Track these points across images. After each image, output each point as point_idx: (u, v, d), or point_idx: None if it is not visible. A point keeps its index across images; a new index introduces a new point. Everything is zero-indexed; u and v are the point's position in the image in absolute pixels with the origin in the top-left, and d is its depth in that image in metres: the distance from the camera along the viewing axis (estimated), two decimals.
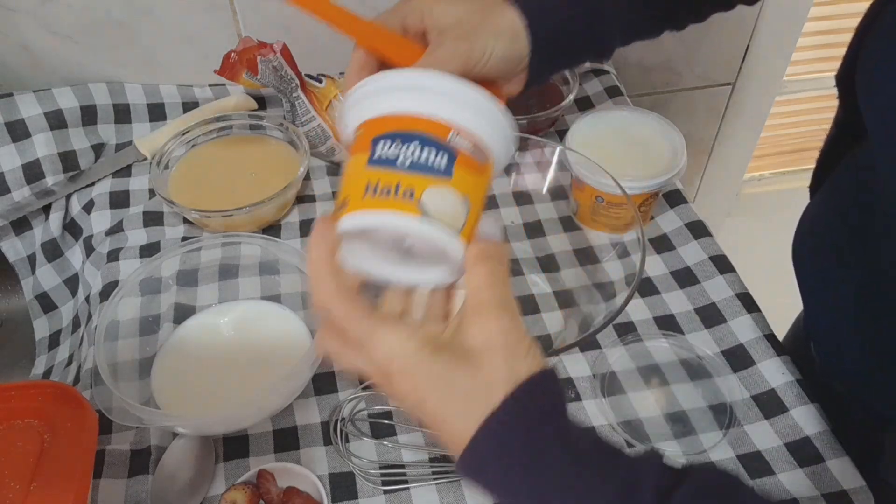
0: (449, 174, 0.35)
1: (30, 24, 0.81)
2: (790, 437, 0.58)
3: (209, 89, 0.89)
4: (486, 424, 0.33)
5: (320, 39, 0.90)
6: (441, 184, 0.35)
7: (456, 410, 0.34)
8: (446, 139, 0.36)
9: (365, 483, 0.56)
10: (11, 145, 0.77)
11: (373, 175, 0.35)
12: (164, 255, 0.64)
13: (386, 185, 0.35)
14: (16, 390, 0.55)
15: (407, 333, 0.34)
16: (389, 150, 0.35)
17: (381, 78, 0.37)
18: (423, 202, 0.34)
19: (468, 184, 0.36)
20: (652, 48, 1.04)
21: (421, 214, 0.34)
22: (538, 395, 0.34)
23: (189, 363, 0.62)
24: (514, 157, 0.69)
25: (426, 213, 0.34)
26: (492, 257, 0.36)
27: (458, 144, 0.36)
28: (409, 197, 0.34)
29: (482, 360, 0.34)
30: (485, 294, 0.35)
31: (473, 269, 0.36)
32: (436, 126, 0.36)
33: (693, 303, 0.68)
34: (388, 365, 0.34)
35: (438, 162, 0.35)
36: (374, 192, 0.35)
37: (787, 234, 0.63)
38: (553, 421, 0.34)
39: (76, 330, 0.73)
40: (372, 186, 0.35)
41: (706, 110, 1.20)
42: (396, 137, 0.35)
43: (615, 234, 0.68)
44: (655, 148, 0.72)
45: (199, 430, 0.57)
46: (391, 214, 0.34)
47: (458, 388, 0.34)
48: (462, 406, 0.34)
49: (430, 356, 0.34)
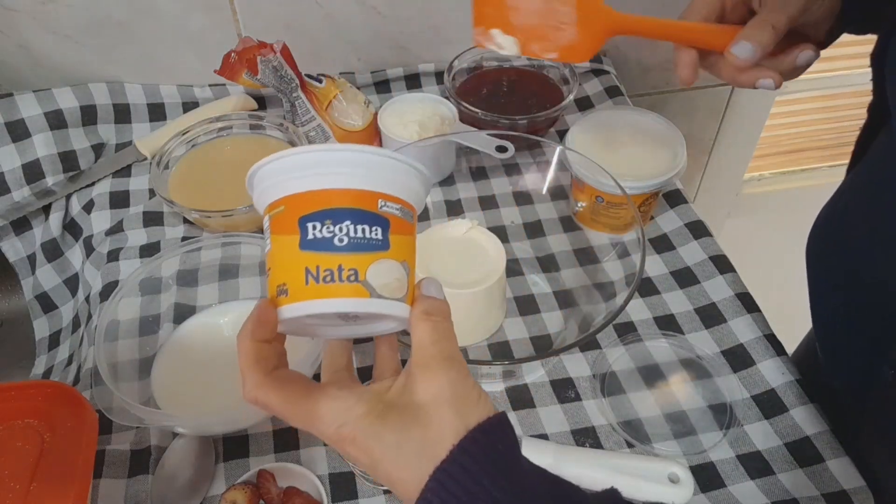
0: (386, 246, 0.35)
1: (30, 23, 0.81)
2: (790, 437, 0.58)
3: (209, 89, 0.89)
4: (434, 476, 0.33)
5: (320, 39, 0.90)
6: (381, 257, 0.35)
7: (408, 469, 0.34)
8: (377, 209, 0.35)
9: (365, 483, 0.56)
10: (11, 145, 0.77)
11: (310, 259, 0.34)
12: (164, 255, 0.64)
13: (327, 270, 0.34)
14: (16, 390, 0.55)
15: (353, 400, 0.35)
16: (323, 232, 0.34)
17: (297, 152, 0.35)
18: (368, 281, 0.34)
19: (403, 248, 0.36)
20: (652, 48, 1.04)
21: (369, 295, 0.34)
22: (489, 442, 0.34)
23: (189, 363, 0.62)
24: (512, 152, 0.69)
25: (372, 290, 0.34)
26: (434, 314, 0.36)
27: (388, 211, 0.35)
28: (354, 279, 0.34)
29: (431, 415, 0.34)
30: (430, 350, 0.36)
31: (417, 326, 0.36)
32: (364, 197, 0.35)
33: (693, 303, 0.68)
34: (338, 436, 0.35)
35: (374, 236, 0.35)
36: (316, 278, 0.34)
37: (787, 234, 0.63)
38: (504, 467, 0.34)
39: (76, 330, 0.73)
40: (312, 273, 0.34)
41: (706, 110, 1.20)
42: (326, 217, 0.34)
43: (615, 234, 0.68)
44: (655, 148, 0.72)
45: (199, 430, 0.57)
46: (340, 301, 0.34)
47: (408, 449, 0.34)
48: (414, 463, 0.34)
49: (377, 421, 0.34)
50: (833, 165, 1.73)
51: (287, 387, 0.36)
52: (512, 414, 0.60)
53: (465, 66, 0.88)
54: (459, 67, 0.87)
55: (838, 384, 0.59)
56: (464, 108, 0.80)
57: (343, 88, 0.79)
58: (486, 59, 0.89)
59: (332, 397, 0.35)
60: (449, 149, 0.77)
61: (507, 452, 0.35)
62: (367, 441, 0.34)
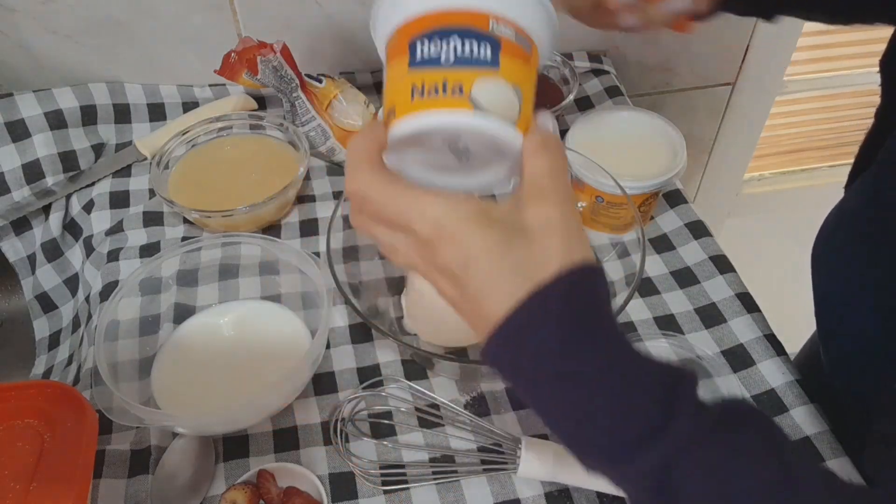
0: (496, 64, 0.34)
1: (30, 24, 0.81)
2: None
3: (209, 89, 0.89)
4: (539, 291, 0.31)
5: (320, 39, 0.90)
6: (489, 75, 0.34)
7: (500, 280, 0.32)
8: (487, 29, 0.34)
9: (365, 483, 0.56)
10: (11, 145, 0.77)
11: (417, 77, 0.34)
12: (164, 255, 0.64)
13: (432, 84, 0.33)
14: (16, 390, 0.55)
15: (457, 201, 0.33)
16: (430, 50, 0.34)
17: None
18: (474, 96, 0.33)
19: (517, 72, 0.34)
20: (652, 48, 1.04)
21: (473, 108, 0.33)
22: (592, 282, 0.33)
23: (189, 363, 0.62)
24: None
25: (478, 106, 0.33)
26: (550, 148, 0.35)
27: (500, 33, 0.34)
28: (459, 92, 0.33)
29: (537, 237, 0.33)
30: (545, 181, 0.34)
31: (532, 158, 0.34)
32: (473, 17, 0.34)
33: (693, 303, 0.68)
34: (435, 232, 0.33)
35: (483, 53, 0.34)
36: (421, 93, 0.33)
37: (787, 234, 0.63)
38: (605, 307, 0.33)
39: (76, 330, 0.73)
40: (418, 88, 0.33)
41: (706, 110, 1.20)
42: (434, 35, 0.34)
43: (615, 234, 0.68)
44: (655, 148, 0.72)
45: (199, 430, 0.57)
46: (444, 113, 0.33)
47: (509, 260, 0.32)
48: (509, 276, 0.32)
49: (483, 222, 0.33)
50: (833, 165, 1.73)
51: (391, 177, 0.34)
52: (513, 414, 0.60)
53: None
54: None
55: (840, 384, 0.59)
56: None
57: (343, 88, 0.79)
58: None
59: (436, 194, 0.33)
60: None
61: (606, 298, 0.34)
62: (468, 238, 0.32)
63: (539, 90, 0.37)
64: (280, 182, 0.73)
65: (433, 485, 0.56)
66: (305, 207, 0.78)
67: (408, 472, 0.56)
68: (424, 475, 0.56)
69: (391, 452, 0.58)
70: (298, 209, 0.78)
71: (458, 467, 0.57)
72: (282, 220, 0.77)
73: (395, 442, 0.58)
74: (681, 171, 0.69)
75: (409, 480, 0.56)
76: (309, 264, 0.61)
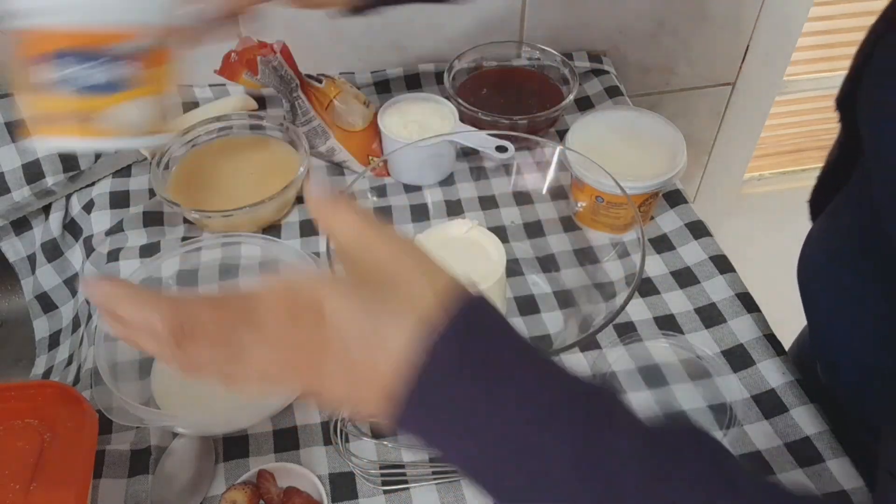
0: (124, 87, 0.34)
1: None
2: (790, 437, 0.58)
3: (209, 89, 0.89)
4: (430, 336, 0.29)
5: (320, 39, 0.90)
6: (127, 97, 0.34)
7: (392, 325, 0.30)
8: (108, 48, 0.34)
9: (365, 483, 0.56)
10: (11, 145, 0.77)
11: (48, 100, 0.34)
12: (164, 255, 0.64)
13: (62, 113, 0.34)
14: (16, 390, 0.55)
15: (309, 273, 0.33)
16: (56, 72, 0.34)
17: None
18: (110, 119, 0.33)
19: (145, 83, 0.35)
20: (652, 48, 1.04)
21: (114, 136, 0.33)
22: (476, 304, 0.31)
23: None
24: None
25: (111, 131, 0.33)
26: (341, 208, 0.33)
27: (121, 51, 0.34)
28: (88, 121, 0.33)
29: (395, 275, 0.31)
30: (365, 232, 0.33)
31: (337, 226, 0.33)
32: (93, 38, 0.34)
33: (693, 303, 0.68)
34: (318, 304, 0.30)
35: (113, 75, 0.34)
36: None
37: (787, 235, 0.63)
38: (506, 329, 0.31)
39: (76, 330, 0.73)
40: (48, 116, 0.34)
41: (706, 110, 1.20)
42: (58, 57, 0.34)
43: (615, 234, 0.68)
44: (655, 148, 0.72)
45: (199, 430, 0.57)
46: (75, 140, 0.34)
47: (389, 307, 0.30)
48: (396, 319, 0.30)
49: (350, 281, 0.31)
50: None
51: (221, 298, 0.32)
52: None
53: (465, 66, 0.88)
54: (459, 67, 0.87)
55: (829, 380, 0.59)
56: (464, 108, 0.80)
57: (343, 88, 0.79)
58: (485, 60, 0.89)
59: (278, 280, 0.31)
60: (449, 149, 0.77)
61: (498, 323, 0.32)
62: (349, 301, 0.30)
63: (539, 90, 0.37)
64: (280, 182, 0.73)
65: (433, 485, 0.56)
66: (305, 207, 0.78)
67: (408, 472, 0.56)
68: (424, 475, 0.56)
69: (391, 452, 0.58)
70: (298, 209, 0.78)
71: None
72: (282, 220, 0.77)
73: (395, 442, 0.58)
74: (681, 171, 0.69)
75: (409, 480, 0.56)
76: (309, 264, 0.61)
